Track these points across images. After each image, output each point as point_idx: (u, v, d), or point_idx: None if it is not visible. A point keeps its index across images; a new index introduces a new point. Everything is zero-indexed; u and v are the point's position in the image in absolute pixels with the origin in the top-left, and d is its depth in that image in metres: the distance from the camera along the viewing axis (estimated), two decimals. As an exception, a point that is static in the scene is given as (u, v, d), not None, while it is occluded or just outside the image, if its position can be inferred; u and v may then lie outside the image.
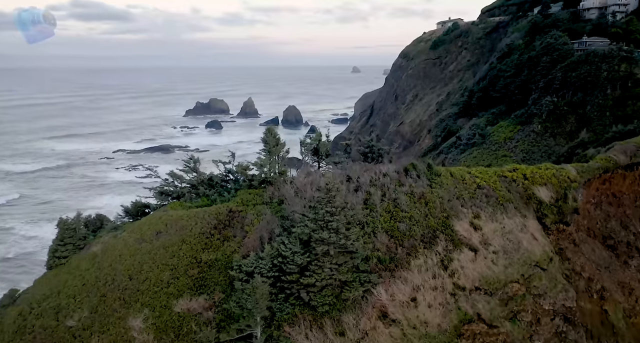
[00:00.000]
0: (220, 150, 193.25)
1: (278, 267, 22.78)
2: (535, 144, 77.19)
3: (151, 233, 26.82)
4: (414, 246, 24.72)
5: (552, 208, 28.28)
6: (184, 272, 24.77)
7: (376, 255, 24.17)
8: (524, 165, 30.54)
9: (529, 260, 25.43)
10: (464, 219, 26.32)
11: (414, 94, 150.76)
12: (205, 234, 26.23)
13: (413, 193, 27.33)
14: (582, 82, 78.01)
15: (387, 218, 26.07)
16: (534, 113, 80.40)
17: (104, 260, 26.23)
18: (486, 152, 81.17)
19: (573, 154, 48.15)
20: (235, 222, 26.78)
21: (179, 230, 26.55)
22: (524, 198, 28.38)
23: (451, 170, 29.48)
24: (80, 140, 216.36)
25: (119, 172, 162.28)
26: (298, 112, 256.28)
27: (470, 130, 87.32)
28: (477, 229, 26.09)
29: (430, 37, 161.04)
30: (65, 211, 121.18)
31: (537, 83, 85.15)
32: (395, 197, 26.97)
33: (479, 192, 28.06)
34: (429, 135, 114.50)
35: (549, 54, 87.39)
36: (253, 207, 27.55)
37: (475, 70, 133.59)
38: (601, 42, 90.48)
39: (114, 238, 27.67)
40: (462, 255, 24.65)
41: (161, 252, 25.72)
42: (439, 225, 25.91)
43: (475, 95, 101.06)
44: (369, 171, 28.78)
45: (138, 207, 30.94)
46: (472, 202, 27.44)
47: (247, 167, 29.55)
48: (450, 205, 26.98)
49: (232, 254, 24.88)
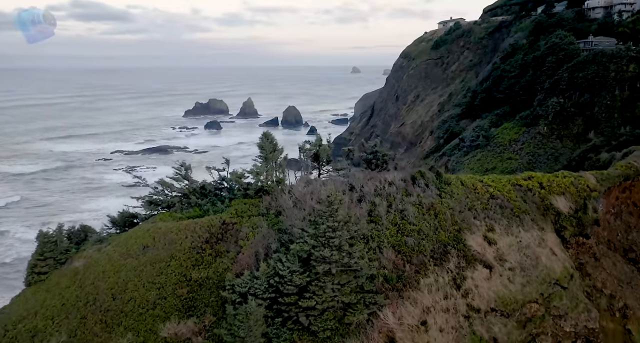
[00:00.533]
0: (219, 151, 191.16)
1: (275, 288, 20.69)
2: (542, 146, 75.16)
3: (137, 248, 24.72)
4: (423, 263, 22.63)
5: (571, 220, 26.19)
6: (172, 292, 22.66)
7: (382, 274, 22.07)
8: (539, 173, 28.44)
9: (548, 277, 23.35)
10: (477, 233, 24.23)
11: (415, 94, 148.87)
12: (196, 249, 24.13)
13: (421, 204, 25.24)
14: (589, 83, 75.93)
15: (394, 232, 23.98)
16: (540, 114, 78.36)
17: (86, 277, 24.13)
18: (490, 155, 79.15)
19: (585, 158, 46.09)
20: (228, 235, 24.67)
21: (167, 244, 24.44)
22: (541, 209, 26.28)
23: (462, 179, 27.38)
24: (78, 141, 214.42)
25: (117, 173, 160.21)
26: (298, 113, 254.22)
27: (474, 132, 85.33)
28: (492, 244, 24.00)
29: (431, 36, 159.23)
30: (62, 214, 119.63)
31: (542, 84, 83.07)
32: (402, 208, 24.87)
33: (492, 202, 25.96)
34: (431, 137, 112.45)
35: (555, 53, 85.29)
36: (248, 218, 25.43)
37: (477, 70, 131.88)
38: (607, 41, 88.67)
39: (97, 253, 25.58)
40: (476, 272, 22.57)
41: (148, 268, 23.62)
42: (450, 240, 23.82)
43: (479, 96, 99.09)
44: (373, 179, 26.70)
45: (125, 218, 28.81)
46: (485, 213, 25.34)
47: (242, 175, 27.42)
48: (461, 217, 24.88)
49: (225, 272, 22.76)
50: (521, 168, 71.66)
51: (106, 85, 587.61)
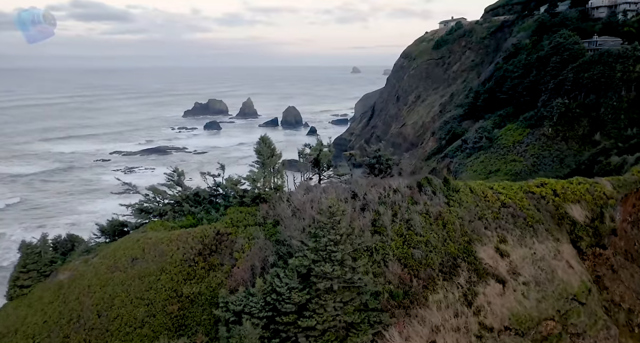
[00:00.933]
0: (219, 152, 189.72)
1: (272, 306, 19.11)
2: (546, 148, 73.61)
3: (126, 260, 23.15)
4: (431, 277, 21.06)
5: (588, 230, 24.62)
6: (162, 309, 21.08)
7: (387, 289, 20.49)
8: (553, 180, 26.86)
9: (565, 292, 21.79)
10: (489, 244, 22.66)
11: (416, 94, 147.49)
12: (188, 262, 22.56)
13: (428, 213, 23.66)
14: (595, 83, 74.40)
15: (400, 243, 22.40)
16: (544, 115, 76.83)
17: (70, 292, 22.56)
18: (494, 156, 77.62)
19: (595, 162, 44.55)
20: (223, 246, 23.10)
21: (157, 256, 22.87)
22: (556, 218, 24.70)
23: (471, 185, 25.80)
24: (77, 141, 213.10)
25: (115, 174, 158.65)
26: (298, 113, 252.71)
27: (477, 133, 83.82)
28: (504, 256, 22.43)
29: (432, 36, 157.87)
30: (60, 216, 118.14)
31: (546, 84, 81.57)
32: (408, 217, 23.30)
33: (503, 211, 24.38)
34: (433, 138, 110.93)
35: (559, 53, 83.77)
36: (244, 228, 23.85)
37: (479, 70, 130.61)
38: (612, 41, 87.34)
39: (84, 264, 24.01)
40: (488, 288, 21.00)
41: (136, 283, 22.05)
42: (459, 252, 22.24)
43: (481, 97, 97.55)
44: (376, 186, 25.13)
45: (114, 226, 27.23)
46: (497, 223, 23.77)
47: (238, 182, 25.84)
48: (471, 227, 23.30)
49: (218, 287, 21.19)
50: (526, 170, 70.16)
51: (106, 85, 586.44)
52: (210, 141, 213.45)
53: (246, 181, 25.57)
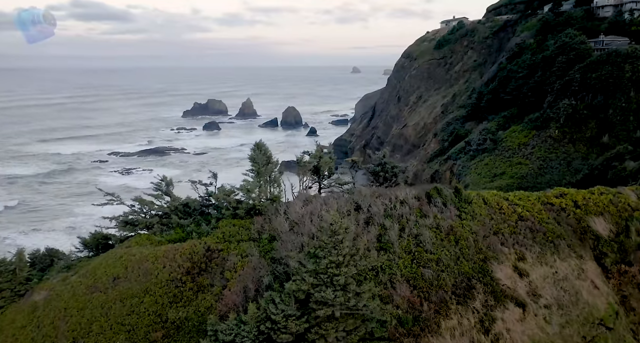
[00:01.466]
0: (218, 152, 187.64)
1: (266, 335, 17.02)
2: (553, 150, 71.59)
3: (107, 279, 21.05)
4: (444, 300, 18.96)
5: (612, 245, 22.52)
6: (144, 336, 18.97)
7: (395, 315, 18.39)
8: (573, 189, 24.75)
9: (590, 316, 19.70)
10: (506, 262, 20.57)
11: (417, 95, 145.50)
12: (175, 282, 20.45)
13: (439, 228, 21.56)
14: (603, 84, 72.36)
15: (408, 262, 20.29)
16: (551, 117, 74.80)
17: (45, 315, 20.47)
18: (499, 159, 75.58)
19: (609, 167, 42.51)
20: (213, 264, 20.99)
21: (142, 275, 20.77)
22: (578, 232, 22.60)
23: (484, 196, 23.68)
24: (75, 142, 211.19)
25: (113, 176, 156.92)
26: (297, 113, 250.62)
27: (481, 135, 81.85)
28: (523, 276, 20.35)
29: (434, 36, 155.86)
30: (56, 218, 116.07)
31: (552, 85, 79.56)
32: (417, 232, 21.21)
33: (521, 224, 22.28)
34: (435, 139, 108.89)
35: (565, 53, 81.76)
36: (237, 244, 21.75)
37: (482, 70, 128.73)
38: (619, 41, 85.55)
39: (62, 283, 21.92)
40: (507, 312, 18.91)
41: (117, 306, 19.95)
42: (474, 271, 20.14)
43: (485, 97, 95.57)
44: (382, 197, 23.04)
45: (98, 240, 25.13)
46: (514, 238, 21.66)
47: (231, 192, 23.74)
48: (487, 243, 21.20)
49: (207, 311, 19.08)
50: (532, 173, 68.15)
51: (106, 85, 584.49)
52: (210, 142, 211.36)
53: (240, 191, 23.48)
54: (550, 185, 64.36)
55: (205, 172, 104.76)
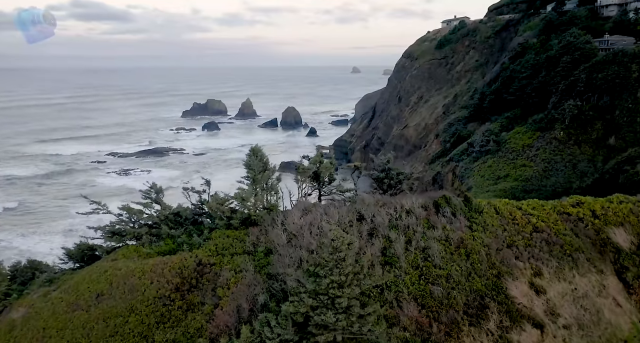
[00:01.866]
0: (217, 153, 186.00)
1: (260, 362, 15.49)
2: (558, 152, 69.95)
3: (90, 296, 19.47)
4: (455, 321, 17.38)
5: (634, 258, 20.94)
6: (128, 360, 17.44)
7: (402, 338, 16.81)
8: (590, 198, 23.17)
9: (613, 337, 18.13)
10: (521, 278, 18.99)
11: (418, 95, 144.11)
12: (163, 299, 18.86)
13: (448, 240, 19.98)
14: (609, 85, 70.69)
15: (415, 278, 18.71)
16: (555, 118, 73.13)
17: (23, 336, 18.88)
18: (502, 161, 73.97)
19: (620, 171, 40.91)
20: (204, 280, 19.41)
21: (127, 292, 19.19)
22: (597, 245, 21.02)
23: (496, 205, 22.09)
24: (73, 142, 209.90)
25: (110, 177, 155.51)
26: (297, 114, 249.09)
27: (484, 136, 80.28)
28: (540, 293, 18.76)
29: (435, 36, 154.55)
30: (52, 221, 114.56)
31: (557, 85, 77.95)
32: (424, 245, 19.62)
33: (536, 236, 20.69)
34: (437, 140, 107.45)
35: (570, 53, 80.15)
36: (230, 257, 20.15)
37: (484, 70, 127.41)
38: (625, 40, 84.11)
39: (42, 299, 20.34)
40: (524, 334, 17.32)
41: (100, 326, 18.36)
42: (487, 289, 18.55)
43: (487, 98, 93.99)
44: (386, 206, 21.46)
45: (82, 251, 23.55)
46: (530, 252, 20.07)
47: (225, 200, 22.14)
48: (500, 257, 19.62)
49: (197, 333, 17.47)
50: (537, 176, 66.58)
51: (106, 85, 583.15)
52: (209, 142, 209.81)
53: (234, 200, 21.88)
54: (555, 188, 62.81)
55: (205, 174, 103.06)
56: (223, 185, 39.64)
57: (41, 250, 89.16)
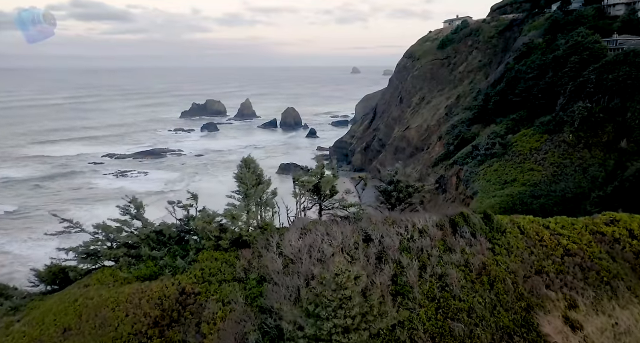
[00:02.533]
0: (215, 155, 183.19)
1: None
2: (568, 156, 67.35)
3: (56, 331, 16.86)
4: (479, 366, 14.80)
5: (679, 285, 18.34)
6: None
7: (418, 387, 14.22)
8: (625, 214, 20.55)
9: (663, 382, 15.55)
10: (554, 311, 16.39)
11: (420, 96, 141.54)
12: (139, 336, 16.24)
13: (468, 265, 17.38)
14: (620, 86, 68.10)
15: (432, 312, 16.10)
16: (564, 120, 70.53)
17: (-24, 378, 16.32)
18: (509, 165, 71.35)
19: (641, 178, 38.34)
20: (187, 314, 16.78)
21: (98, 326, 16.58)
22: (638, 270, 18.42)
23: (520, 223, 19.46)
24: (71, 144, 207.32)
25: (107, 178, 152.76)
26: (297, 114, 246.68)
27: (489, 139, 77.73)
28: (576, 329, 16.17)
29: (437, 36, 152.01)
30: (46, 224, 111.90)
31: (565, 86, 75.42)
32: (441, 271, 17.03)
33: (568, 261, 18.08)
34: (440, 142, 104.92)
35: (578, 53, 77.66)
36: (218, 286, 17.53)
37: (487, 71, 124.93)
38: (634, 40, 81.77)
39: (3, 333, 17.69)
40: (561, 381, 14.75)
41: (64, 368, 15.79)
42: (516, 325, 15.94)
43: (492, 99, 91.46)
44: (396, 224, 18.86)
45: (53, 274, 20.89)
46: (562, 279, 17.46)
47: (213, 218, 19.48)
48: (528, 285, 17.01)
49: (177, 380, 14.90)
50: (545, 180, 64.02)
51: (106, 85, 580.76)
52: (208, 143, 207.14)
53: (224, 218, 19.24)
54: (565, 194, 60.13)
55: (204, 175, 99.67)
56: (223, 188, 36.86)
57: (36, 254, 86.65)
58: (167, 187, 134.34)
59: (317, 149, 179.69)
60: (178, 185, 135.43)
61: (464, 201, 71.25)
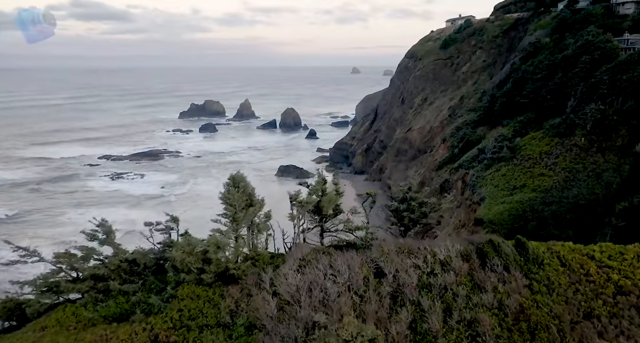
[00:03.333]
0: (214, 156, 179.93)
1: None
2: (580, 160, 64.22)
3: (-2, 390, 13.77)
4: None
5: None
6: None
7: None
8: (682, 241, 17.43)
9: None
10: (610, 368, 13.30)
11: (422, 97, 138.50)
12: (98, 400, 13.13)
13: (503, 308, 14.25)
14: (635, 87, 65.01)
15: (461, 370, 13.00)
16: (576, 123, 67.37)
17: None
18: (518, 169, 68.21)
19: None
20: (160, 370, 13.68)
21: (50, 386, 13.47)
22: None
23: (559, 253, 16.27)
24: (69, 145, 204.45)
25: (102, 181, 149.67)
26: (297, 115, 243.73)
27: (496, 142, 74.67)
28: (639, 391, 13.09)
29: (439, 35, 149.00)
30: (38, 228, 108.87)
31: (575, 87, 72.33)
32: (470, 316, 13.91)
33: (622, 301, 14.97)
34: (444, 145, 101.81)
35: (589, 53, 74.64)
36: (198, 333, 14.37)
37: (492, 71, 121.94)
38: (646, 39, 78.79)
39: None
40: None
41: None
42: (566, 388, 12.84)
43: (498, 101, 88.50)
44: (412, 255, 15.72)
45: (8, 310, 17.71)
46: (617, 325, 14.34)
47: (194, 248, 16.26)
48: (577, 334, 13.89)
49: None
50: (557, 186, 60.86)
51: (106, 85, 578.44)
52: (206, 144, 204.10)
53: (208, 247, 16.03)
54: (578, 200, 56.90)
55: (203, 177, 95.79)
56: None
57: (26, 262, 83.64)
58: (165, 190, 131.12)
59: (317, 151, 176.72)
60: (176, 187, 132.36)
61: (470, 207, 68.17)
